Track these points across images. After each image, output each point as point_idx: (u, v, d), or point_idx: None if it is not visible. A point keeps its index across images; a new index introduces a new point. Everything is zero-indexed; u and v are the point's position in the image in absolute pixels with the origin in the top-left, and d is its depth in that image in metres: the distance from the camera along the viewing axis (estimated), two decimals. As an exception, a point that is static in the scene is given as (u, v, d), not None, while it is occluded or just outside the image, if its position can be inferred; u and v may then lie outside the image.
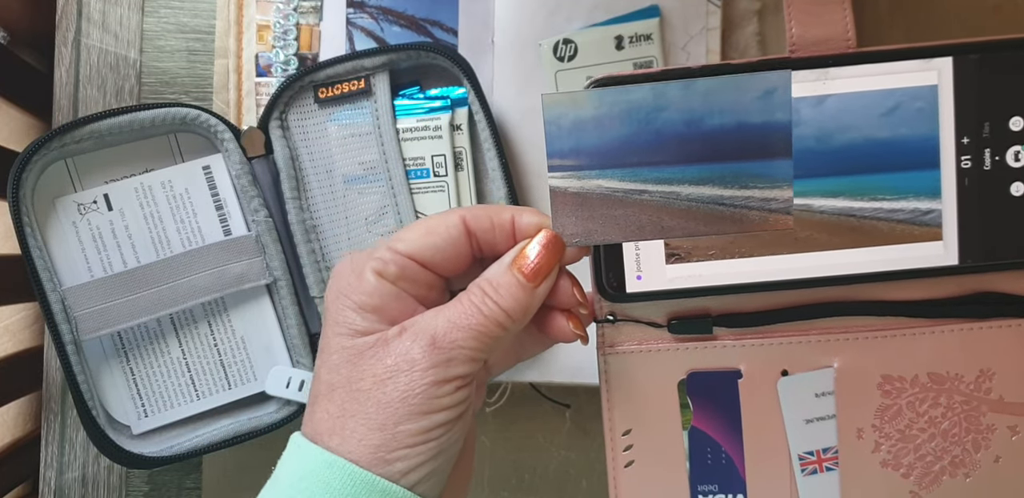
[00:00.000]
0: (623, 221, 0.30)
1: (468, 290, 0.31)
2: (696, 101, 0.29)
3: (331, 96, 0.46)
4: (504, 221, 0.32)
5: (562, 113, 0.30)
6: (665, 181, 0.30)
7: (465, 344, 0.29)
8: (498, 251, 0.32)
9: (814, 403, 0.39)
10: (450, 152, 0.46)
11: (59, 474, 0.49)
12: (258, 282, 0.46)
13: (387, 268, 0.31)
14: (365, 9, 0.48)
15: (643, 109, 0.29)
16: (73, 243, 0.45)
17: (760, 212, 0.30)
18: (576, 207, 0.30)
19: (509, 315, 0.30)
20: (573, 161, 0.30)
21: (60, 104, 0.49)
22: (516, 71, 0.47)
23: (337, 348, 0.30)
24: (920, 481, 0.39)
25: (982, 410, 0.38)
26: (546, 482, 0.50)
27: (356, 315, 0.30)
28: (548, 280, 0.31)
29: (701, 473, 0.39)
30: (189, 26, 0.50)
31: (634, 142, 0.30)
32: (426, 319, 0.30)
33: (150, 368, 0.46)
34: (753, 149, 0.29)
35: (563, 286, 0.32)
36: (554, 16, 0.47)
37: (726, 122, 0.29)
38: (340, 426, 0.29)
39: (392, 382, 0.29)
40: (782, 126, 0.29)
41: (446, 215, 0.32)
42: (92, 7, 0.49)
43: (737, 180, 0.30)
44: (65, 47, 0.49)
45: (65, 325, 0.43)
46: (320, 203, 0.47)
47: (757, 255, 0.38)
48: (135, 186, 0.45)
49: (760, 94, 0.29)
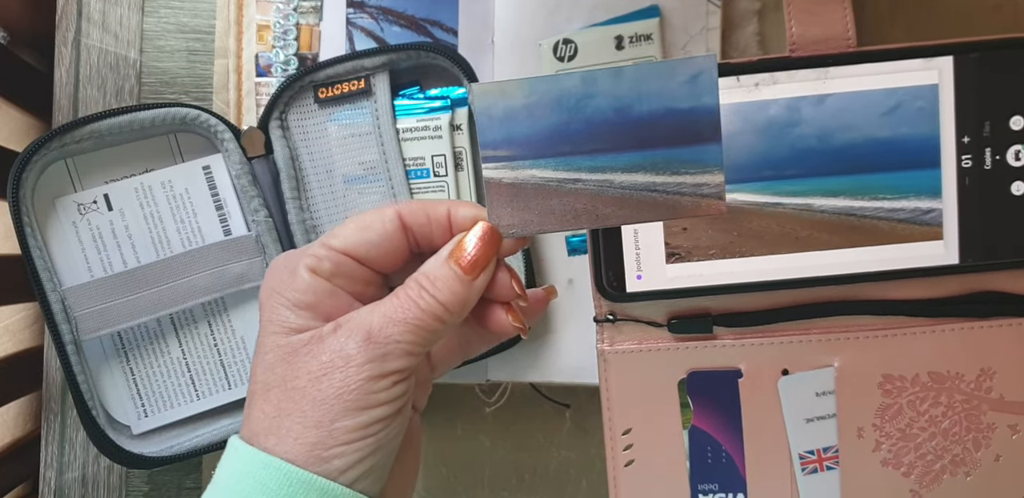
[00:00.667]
0: (558, 210, 0.30)
1: (404, 285, 0.30)
2: (625, 88, 0.29)
3: (331, 96, 0.46)
4: (440, 215, 0.31)
5: (492, 103, 0.29)
6: (598, 169, 0.30)
7: (402, 338, 0.29)
8: (435, 245, 0.32)
9: (815, 402, 0.39)
10: (450, 152, 0.46)
11: (59, 474, 0.49)
12: (258, 282, 0.46)
13: (321, 265, 0.30)
14: (365, 9, 0.48)
15: (573, 97, 0.29)
16: (73, 243, 0.45)
17: (692, 197, 0.29)
18: (511, 198, 0.30)
19: (447, 308, 0.30)
20: (506, 151, 0.30)
21: (60, 104, 0.49)
22: (516, 71, 0.47)
23: (272, 346, 0.30)
24: (921, 480, 0.39)
25: (983, 409, 0.38)
26: (546, 482, 0.50)
27: (290, 313, 0.30)
28: (486, 272, 0.31)
29: (701, 472, 0.39)
30: (189, 26, 0.50)
31: (565, 131, 0.29)
32: (361, 315, 0.29)
33: (150, 368, 0.46)
34: (683, 135, 0.29)
35: (501, 278, 0.31)
36: (554, 16, 0.47)
37: (655, 108, 0.29)
38: (276, 426, 0.29)
39: (327, 379, 0.29)
40: (709, 110, 0.28)
41: (381, 210, 0.32)
42: (92, 7, 0.49)
43: (669, 166, 0.29)
44: (65, 47, 0.49)
45: (65, 325, 0.43)
46: (320, 203, 0.47)
47: (757, 255, 0.38)
48: (135, 186, 0.45)
49: (687, 79, 0.28)
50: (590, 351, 0.47)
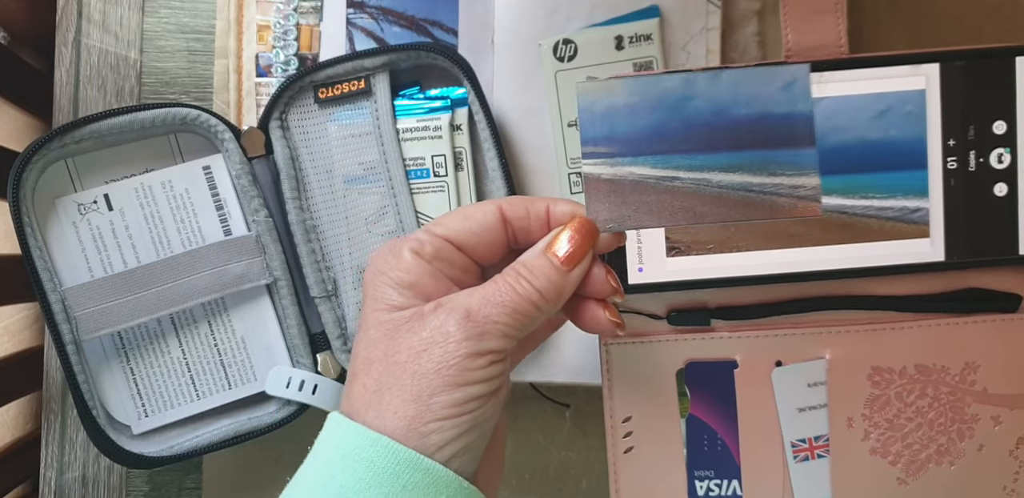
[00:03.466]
0: (656, 207, 0.31)
1: (503, 272, 0.31)
2: (723, 91, 0.30)
3: (331, 96, 0.46)
4: (539, 210, 0.33)
5: (596, 101, 0.31)
6: (696, 168, 0.31)
7: (499, 319, 0.30)
8: (532, 240, 0.33)
9: (806, 393, 0.40)
10: (450, 152, 0.46)
11: (59, 474, 0.49)
12: (258, 282, 0.46)
13: (423, 247, 0.32)
14: (365, 9, 0.48)
15: (673, 97, 0.30)
16: (73, 243, 0.45)
17: (789, 199, 0.31)
18: (609, 193, 0.31)
19: (543, 295, 0.30)
20: (606, 148, 0.31)
21: (60, 104, 0.49)
22: (516, 71, 0.47)
23: (374, 323, 0.31)
24: (907, 468, 0.40)
25: (967, 401, 0.40)
26: (546, 482, 0.50)
27: (392, 291, 0.31)
28: (582, 265, 0.31)
29: (698, 459, 0.41)
30: (189, 26, 0.50)
31: (665, 130, 0.31)
32: (461, 296, 0.30)
33: (150, 368, 0.46)
34: (778, 138, 0.30)
35: (596, 274, 0.32)
36: (554, 16, 0.47)
37: (752, 112, 0.30)
38: (376, 400, 0.29)
39: (427, 354, 0.29)
40: (804, 116, 0.30)
41: (483, 203, 0.33)
42: (92, 7, 0.49)
43: (765, 167, 0.30)
44: (65, 47, 0.49)
45: (65, 325, 0.43)
46: (320, 203, 0.47)
47: (753, 249, 0.39)
48: (135, 186, 0.45)
49: (782, 85, 0.30)
50: (590, 351, 0.47)
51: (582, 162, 0.31)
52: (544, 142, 0.47)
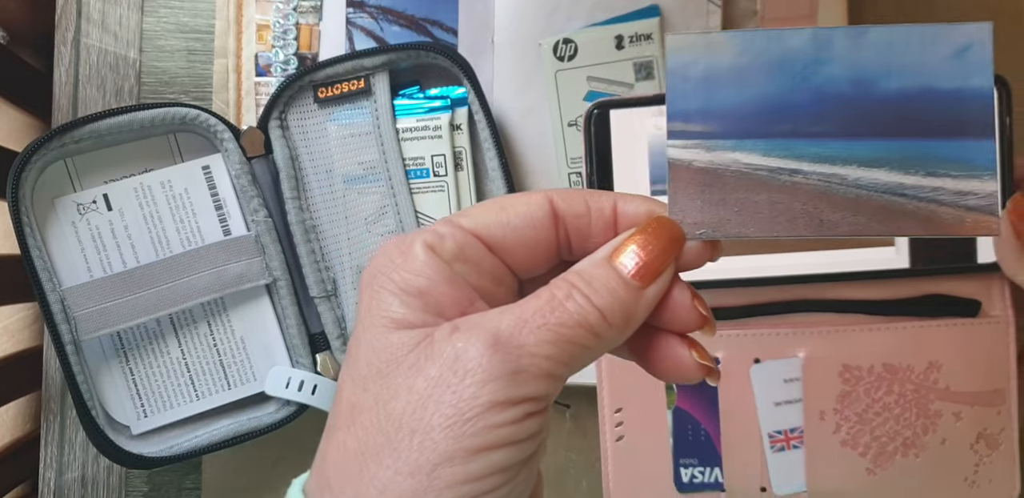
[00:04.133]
0: (767, 210, 0.23)
1: (549, 284, 0.23)
2: (869, 55, 0.23)
3: (331, 96, 0.46)
4: (604, 206, 0.24)
5: (692, 61, 0.23)
6: (826, 159, 0.23)
7: (539, 350, 0.21)
8: (591, 245, 0.24)
9: (783, 388, 0.43)
10: (450, 152, 0.46)
11: (58, 474, 0.49)
12: (257, 282, 0.46)
13: (442, 243, 0.23)
14: (365, 9, 0.48)
15: (799, 61, 0.23)
16: (72, 243, 0.45)
17: (954, 210, 0.23)
18: (703, 188, 0.24)
19: (605, 317, 0.22)
20: (701, 126, 0.24)
21: (59, 104, 0.49)
22: (516, 71, 0.47)
23: (367, 350, 0.22)
24: (876, 459, 0.43)
25: (930, 398, 0.42)
26: (546, 482, 0.49)
27: (395, 299, 0.23)
28: (660, 281, 0.23)
29: (683, 448, 0.43)
30: (189, 26, 0.49)
31: (785, 105, 0.23)
32: (487, 317, 0.22)
33: (149, 368, 0.46)
34: (944, 124, 0.23)
35: (679, 297, 0.24)
36: (554, 16, 0.47)
37: (907, 86, 0.23)
38: (358, 469, 0.21)
39: (434, 402, 0.21)
40: (981, 95, 0.23)
41: (529, 193, 0.25)
42: (91, 7, 0.49)
43: (923, 164, 0.23)
44: (64, 47, 0.49)
45: (64, 325, 0.43)
46: (320, 203, 0.47)
47: (735, 254, 0.42)
48: (134, 186, 0.45)
49: (953, 52, 0.23)
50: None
51: (667, 144, 0.24)
52: (544, 142, 0.47)
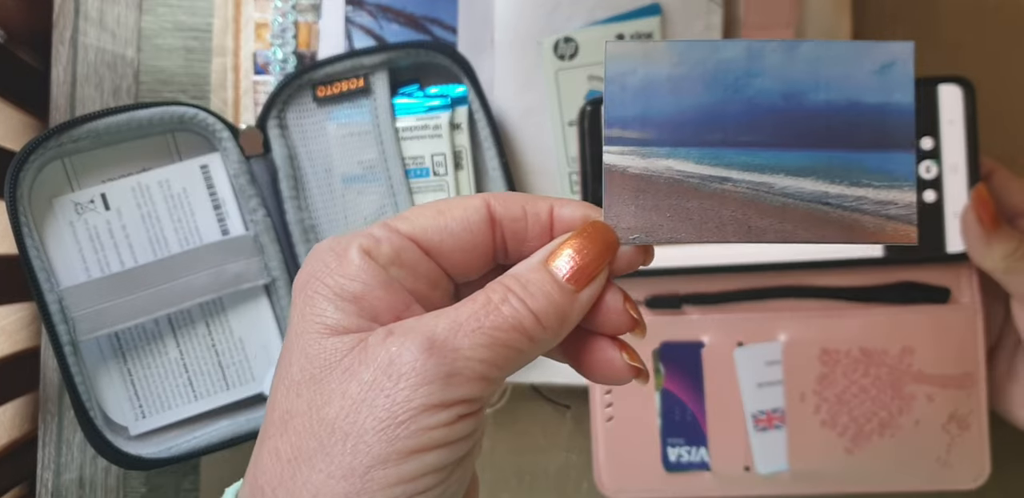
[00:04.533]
0: (697, 216, 0.24)
1: (485, 288, 0.23)
2: (800, 68, 0.24)
3: (330, 95, 0.46)
4: (540, 211, 0.25)
5: (630, 69, 0.24)
6: (755, 168, 0.24)
7: (474, 353, 0.22)
8: (527, 249, 0.25)
9: (765, 370, 0.45)
10: (450, 151, 0.46)
11: (56, 475, 0.49)
12: (256, 282, 0.46)
13: (378, 247, 0.23)
14: (364, 7, 0.48)
15: (733, 72, 0.24)
16: (70, 243, 0.45)
17: (875, 218, 0.24)
18: (637, 194, 0.24)
19: (539, 320, 0.23)
20: (638, 133, 0.24)
21: (57, 103, 0.49)
22: (516, 70, 0.47)
23: (300, 356, 0.23)
24: (854, 439, 0.45)
25: (905, 380, 0.45)
26: (546, 484, 0.49)
27: (328, 304, 0.23)
28: (594, 284, 0.24)
29: (670, 428, 0.46)
30: (187, 24, 0.49)
31: (719, 114, 0.24)
32: (422, 321, 0.22)
33: (148, 369, 0.46)
34: (867, 136, 0.24)
35: (611, 301, 0.24)
36: (554, 14, 0.46)
37: (834, 99, 0.24)
38: (291, 474, 0.22)
39: (367, 406, 0.21)
40: (903, 110, 0.24)
41: (467, 197, 0.25)
42: (89, 5, 0.49)
43: (847, 174, 0.24)
44: (62, 45, 0.49)
45: (63, 326, 0.43)
46: (319, 203, 0.46)
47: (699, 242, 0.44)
48: (132, 185, 0.45)
49: (876, 67, 0.24)
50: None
51: (604, 150, 0.24)
52: (544, 141, 0.47)
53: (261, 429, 0.23)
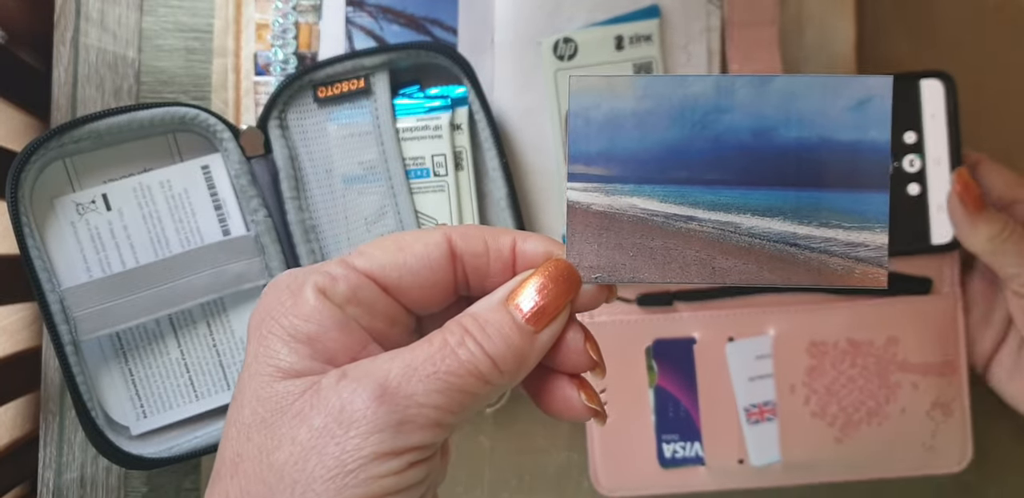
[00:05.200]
0: (660, 255, 0.24)
1: (443, 328, 0.23)
2: (770, 104, 0.23)
3: (330, 95, 0.46)
4: (502, 246, 0.25)
5: (594, 103, 0.24)
6: (721, 207, 0.24)
7: (427, 400, 0.21)
8: (489, 285, 0.25)
9: (755, 364, 0.46)
10: (450, 151, 0.46)
11: (57, 475, 0.49)
12: (257, 282, 0.46)
13: (334, 286, 0.23)
14: (364, 8, 0.48)
15: (700, 107, 0.23)
16: (72, 243, 0.45)
17: (843, 260, 0.24)
18: (600, 231, 0.24)
19: (496, 364, 0.22)
20: (602, 169, 0.24)
21: (58, 103, 0.49)
22: (516, 70, 0.47)
23: (252, 398, 0.22)
24: (843, 428, 0.46)
25: (890, 369, 0.46)
26: (546, 483, 0.49)
27: (283, 346, 0.23)
28: (554, 324, 0.23)
29: (664, 425, 0.46)
30: (188, 25, 0.49)
31: (684, 151, 0.24)
32: (377, 363, 0.22)
33: (149, 369, 0.46)
34: (839, 175, 0.23)
35: (572, 339, 0.24)
36: (554, 15, 0.46)
37: (806, 135, 0.23)
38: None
39: (317, 454, 0.21)
40: (877, 148, 0.23)
41: (427, 231, 0.25)
42: (90, 6, 0.49)
43: (816, 214, 0.23)
44: (63, 46, 0.49)
45: (64, 326, 0.43)
46: (319, 203, 0.46)
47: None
48: (134, 186, 0.45)
49: (852, 103, 0.23)
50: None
51: (567, 186, 0.24)
52: (544, 141, 0.47)
53: (213, 469, 0.23)
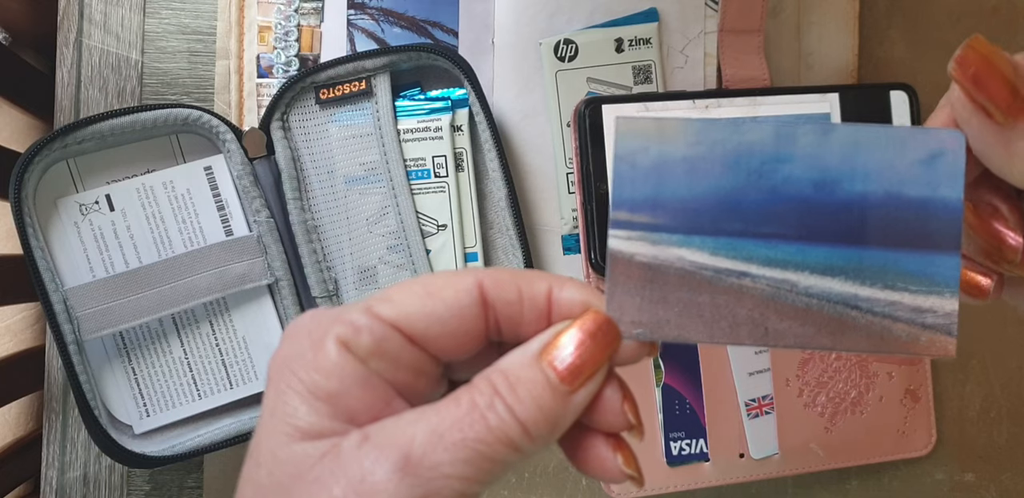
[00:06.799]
0: (709, 313, 0.22)
1: (472, 385, 0.21)
2: (834, 155, 0.21)
3: (332, 97, 0.46)
4: (537, 294, 0.23)
5: (642, 146, 0.22)
6: (777, 263, 0.22)
7: (453, 470, 0.20)
8: (523, 334, 0.23)
9: (754, 359, 0.48)
10: (451, 153, 0.46)
11: (61, 473, 0.49)
12: (260, 282, 0.46)
13: (358, 338, 0.22)
14: (366, 10, 0.48)
15: (758, 155, 0.22)
16: (75, 243, 0.45)
17: (909, 327, 0.22)
18: (643, 284, 0.22)
19: (526, 430, 0.21)
20: (648, 217, 0.22)
21: (62, 105, 0.49)
22: (516, 72, 0.47)
23: (269, 457, 0.21)
24: (831, 418, 0.48)
25: (869, 360, 0.49)
26: (546, 480, 0.50)
27: (301, 404, 0.21)
28: (591, 384, 0.22)
29: (671, 423, 0.47)
30: (190, 27, 0.50)
31: (739, 201, 0.22)
32: (401, 425, 0.21)
33: (152, 368, 0.46)
34: (906, 234, 0.21)
35: (609, 398, 0.23)
36: (554, 18, 0.47)
37: (871, 190, 0.21)
38: None
39: None
40: (950, 207, 0.21)
41: (457, 275, 0.23)
42: (94, 8, 0.49)
43: (881, 276, 0.21)
44: (67, 48, 0.49)
45: (67, 325, 0.43)
46: (321, 204, 0.47)
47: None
48: (137, 187, 0.45)
49: (922, 157, 0.21)
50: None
51: (609, 234, 0.22)
52: (544, 143, 0.47)
53: None
